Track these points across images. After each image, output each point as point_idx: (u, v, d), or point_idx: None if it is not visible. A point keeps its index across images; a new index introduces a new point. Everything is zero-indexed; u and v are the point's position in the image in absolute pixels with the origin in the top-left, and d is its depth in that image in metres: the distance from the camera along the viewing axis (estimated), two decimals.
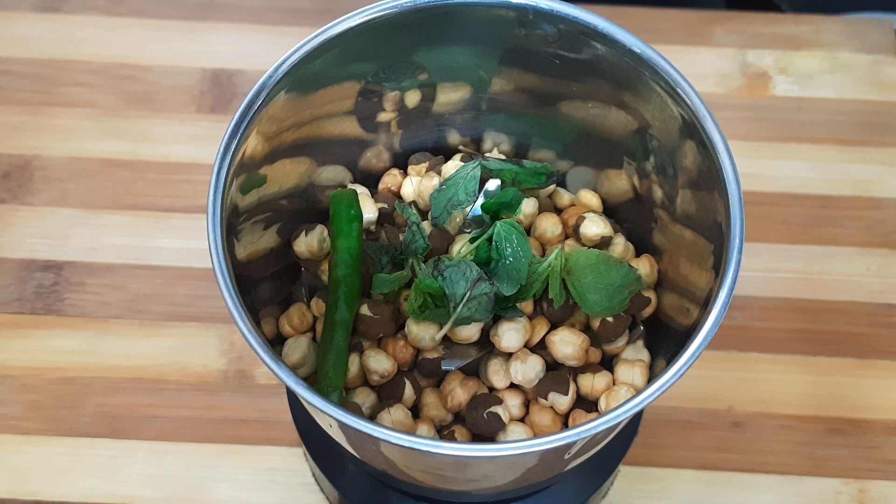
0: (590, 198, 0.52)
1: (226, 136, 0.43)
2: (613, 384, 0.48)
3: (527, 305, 0.48)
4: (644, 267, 0.50)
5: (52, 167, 0.68)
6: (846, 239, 0.66)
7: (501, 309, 0.47)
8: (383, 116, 0.51)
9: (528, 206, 0.50)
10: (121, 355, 0.61)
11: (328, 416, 0.38)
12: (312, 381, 0.45)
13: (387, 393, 0.47)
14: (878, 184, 0.69)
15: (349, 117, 0.50)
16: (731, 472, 0.59)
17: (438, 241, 0.48)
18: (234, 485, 0.58)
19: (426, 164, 0.53)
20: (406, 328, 0.47)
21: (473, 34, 0.48)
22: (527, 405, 0.48)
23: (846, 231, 0.67)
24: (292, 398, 0.56)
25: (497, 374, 0.48)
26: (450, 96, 0.52)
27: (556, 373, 0.47)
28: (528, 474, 0.46)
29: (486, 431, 0.47)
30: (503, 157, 0.53)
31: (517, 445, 0.38)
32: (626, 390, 0.47)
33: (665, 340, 0.48)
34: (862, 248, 0.66)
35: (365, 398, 0.47)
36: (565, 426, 0.48)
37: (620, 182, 0.51)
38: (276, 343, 0.48)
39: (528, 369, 0.47)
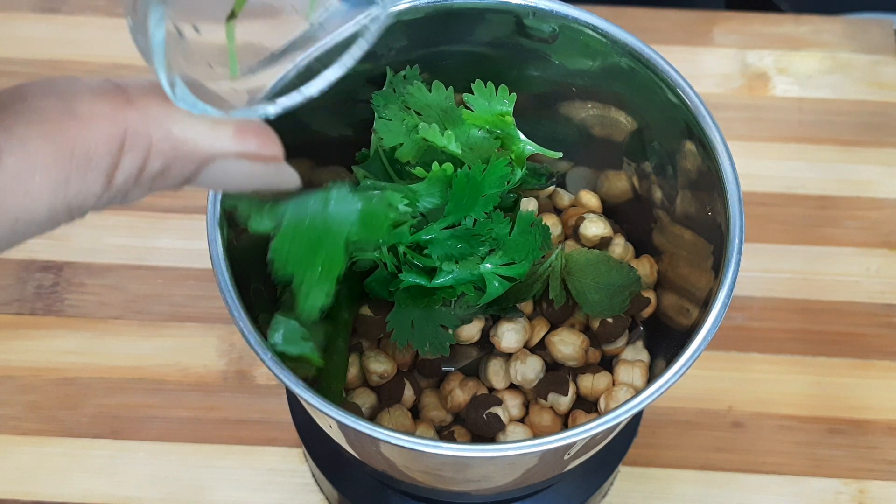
0: (589, 198, 0.52)
1: None
2: (613, 384, 0.48)
3: (527, 306, 0.48)
4: (644, 267, 0.50)
5: None
6: (846, 239, 0.66)
7: (501, 309, 0.47)
8: None
9: (528, 206, 0.50)
10: (121, 356, 0.61)
11: (328, 416, 0.38)
12: (312, 382, 0.45)
13: (387, 393, 0.47)
14: (878, 184, 0.69)
15: (349, 117, 0.50)
16: (731, 473, 0.59)
17: None
18: (234, 485, 0.58)
19: None
20: None
21: (473, 34, 0.47)
22: (526, 406, 0.48)
23: (846, 231, 0.67)
24: (292, 398, 0.56)
25: (497, 375, 0.48)
26: None
27: (556, 373, 0.47)
28: (528, 475, 0.46)
29: (486, 432, 0.47)
30: None
31: (517, 446, 0.38)
32: (626, 391, 0.47)
33: (665, 341, 0.48)
34: (862, 249, 0.66)
35: (365, 399, 0.47)
36: (565, 426, 0.48)
37: (620, 183, 0.51)
38: None
39: (528, 370, 0.47)
